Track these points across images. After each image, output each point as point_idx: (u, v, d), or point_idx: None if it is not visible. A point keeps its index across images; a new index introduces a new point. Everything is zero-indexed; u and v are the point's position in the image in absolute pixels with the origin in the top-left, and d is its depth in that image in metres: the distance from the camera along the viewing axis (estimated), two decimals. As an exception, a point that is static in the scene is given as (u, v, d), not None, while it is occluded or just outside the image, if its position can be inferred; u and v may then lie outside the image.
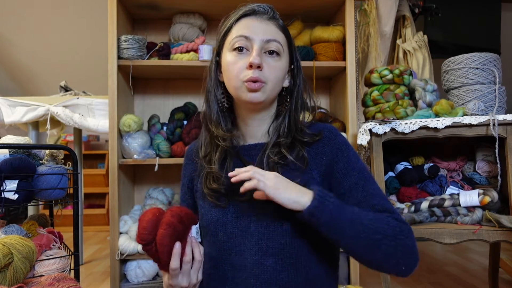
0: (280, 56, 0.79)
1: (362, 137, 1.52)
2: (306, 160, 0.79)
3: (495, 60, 1.59)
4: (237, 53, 0.78)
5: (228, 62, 0.79)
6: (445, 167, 1.63)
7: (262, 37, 0.77)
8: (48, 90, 3.50)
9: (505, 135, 1.41)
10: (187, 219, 0.74)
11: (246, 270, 0.76)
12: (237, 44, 0.77)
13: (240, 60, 0.77)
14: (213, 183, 0.81)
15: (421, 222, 1.48)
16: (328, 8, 2.01)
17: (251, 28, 0.78)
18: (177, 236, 0.71)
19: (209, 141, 0.86)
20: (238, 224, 0.78)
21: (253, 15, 0.80)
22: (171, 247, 0.70)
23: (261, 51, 0.77)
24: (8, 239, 0.99)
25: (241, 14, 0.80)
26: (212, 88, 0.84)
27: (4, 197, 1.16)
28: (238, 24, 0.80)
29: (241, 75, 0.76)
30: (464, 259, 2.60)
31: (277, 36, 0.79)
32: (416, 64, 2.58)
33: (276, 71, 0.78)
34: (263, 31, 0.78)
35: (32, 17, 3.56)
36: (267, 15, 0.80)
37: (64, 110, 2.14)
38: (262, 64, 0.76)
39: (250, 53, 0.77)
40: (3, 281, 0.92)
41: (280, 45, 0.79)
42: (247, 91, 0.76)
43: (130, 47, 1.80)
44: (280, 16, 0.84)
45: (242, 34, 0.77)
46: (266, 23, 0.79)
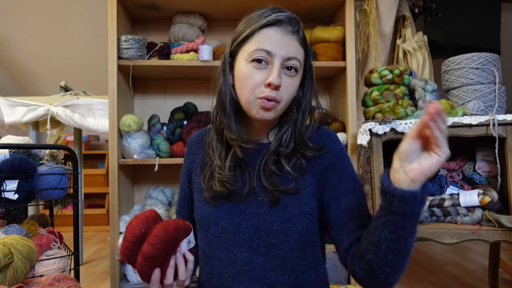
0: (297, 72, 0.76)
1: (362, 137, 1.52)
2: (303, 169, 0.79)
3: (495, 60, 1.59)
4: (256, 65, 0.74)
5: (245, 73, 0.75)
6: (445, 167, 1.63)
7: (284, 54, 0.73)
8: (48, 90, 3.50)
9: (505, 135, 1.41)
10: (175, 237, 0.70)
11: (236, 265, 0.77)
12: (257, 56, 0.73)
13: (258, 74, 0.74)
14: (218, 186, 0.79)
15: (421, 222, 1.48)
16: (328, 8, 2.01)
17: (274, 42, 0.73)
18: (158, 263, 0.69)
19: (221, 144, 0.83)
20: (230, 221, 0.79)
21: (278, 25, 0.74)
22: (150, 274, 0.69)
23: (281, 67, 0.74)
24: (8, 239, 0.99)
25: (265, 23, 0.74)
26: (227, 92, 0.79)
27: (4, 197, 1.16)
28: (260, 34, 0.75)
29: (257, 91, 0.74)
30: (464, 259, 2.60)
31: (298, 53, 0.76)
32: (416, 64, 2.58)
33: (291, 89, 0.76)
34: (286, 47, 0.74)
35: (32, 17, 3.56)
36: (292, 28, 0.76)
37: (64, 110, 2.14)
38: (280, 84, 0.73)
39: (269, 68, 0.74)
40: (3, 281, 0.92)
41: (299, 62, 0.76)
42: (259, 108, 0.74)
43: (130, 47, 1.80)
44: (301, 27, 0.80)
45: (263, 48, 0.73)
46: (289, 37, 0.75)
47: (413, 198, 0.60)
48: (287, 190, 0.77)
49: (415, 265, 2.48)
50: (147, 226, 0.69)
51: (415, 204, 0.61)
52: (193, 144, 0.92)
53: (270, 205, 0.77)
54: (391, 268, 0.67)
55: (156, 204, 1.91)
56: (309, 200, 0.78)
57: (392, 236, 0.64)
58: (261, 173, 0.79)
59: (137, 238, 0.68)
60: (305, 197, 0.78)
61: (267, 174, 0.78)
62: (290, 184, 0.77)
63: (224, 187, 0.79)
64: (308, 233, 0.77)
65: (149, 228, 0.69)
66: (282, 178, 0.78)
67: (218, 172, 0.80)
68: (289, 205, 0.77)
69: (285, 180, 0.78)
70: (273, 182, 0.77)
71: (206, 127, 1.78)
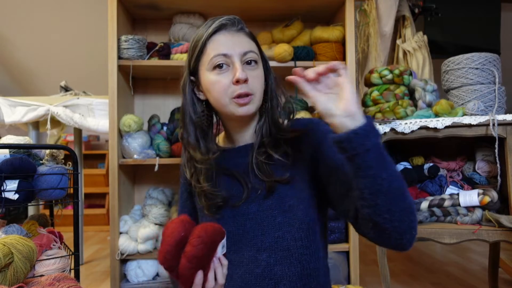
0: (257, 64, 0.81)
1: (362, 137, 1.52)
2: (291, 155, 0.81)
3: (495, 60, 1.59)
4: (218, 71, 0.78)
5: (211, 81, 0.79)
6: (445, 167, 1.63)
7: (240, 51, 0.78)
8: (48, 90, 3.50)
9: (504, 135, 1.41)
10: (214, 239, 0.70)
11: (243, 265, 0.79)
12: (217, 62, 0.78)
13: (223, 77, 0.78)
14: (207, 200, 0.83)
15: (421, 222, 1.48)
16: (328, 8, 2.01)
17: (226, 44, 0.78)
18: (201, 265, 0.69)
19: (191, 161, 0.86)
20: (235, 223, 0.82)
21: (223, 29, 0.80)
22: (193, 278, 0.68)
23: (242, 64, 0.78)
24: (8, 239, 1.00)
25: (211, 31, 0.79)
26: (187, 110, 0.83)
27: (4, 197, 1.16)
28: (211, 42, 0.79)
29: (228, 92, 0.77)
30: (464, 259, 2.60)
31: (251, 46, 0.81)
32: (416, 64, 2.58)
33: (259, 80, 0.80)
34: (238, 45, 0.79)
35: (32, 17, 3.56)
36: (236, 27, 0.81)
37: (64, 110, 2.14)
38: (248, 77, 0.77)
39: (231, 69, 0.78)
40: (4, 281, 0.93)
41: (256, 54, 0.80)
42: (238, 107, 0.78)
43: (130, 47, 1.80)
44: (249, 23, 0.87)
45: (220, 53, 0.78)
46: (238, 35, 0.80)
47: (356, 133, 0.60)
48: (282, 180, 0.79)
49: (415, 265, 2.49)
50: (185, 228, 0.69)
51: (364, 137, 0.60)
52: (183, 172, 0.94)
53: (270, 198, 0.80)
54: (388, 213, 0.63)
55: (156, 204, 1.91)
56: (304, 185, 0.80)
57: (367, 181, 0.62)
58: (254, 167, 0.81)
59: (178, 241, 0.67)
60: (300, 184, 0.80)
61: (260, 166, 0.81)
62: (285, 174, 0.80)
63: (208, 198, 0.82)
64: (308, 219, 0.79)
65: (187, 231, 0.69)
66: (275, 168, 0.81)
67: (199, 187, 0.83)
68: (287, 196, 0.79)
69: (278, 170, 0.81)
70: (267, 173, 0.80)
71: None
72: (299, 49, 1.87)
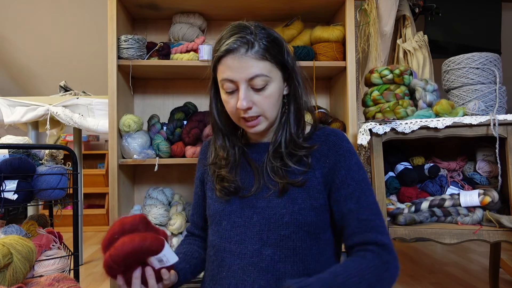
0: (268, 85, 0.79)
1: (362, 137, 1.52)
2: (308, 164, 0.82)
3: (496, 60, 1.59)
4: (227, 93, 0.81)
5: (223, 99, 0.83)
6: (445, 167, 1.63)
7: (245, 76, 0.77)
8: (48, 90, 3.50)
9: (505, 135, 1.41)
10: (134, 253, 0.70)
11: (246, 257, 0.80)
12: (224, 85, 0.80)
13: (231, 100, 0.80)
14: (223, 182, 0.86)
15: (421, 222, 1.48)
16: (328, 8, 2.01)
17: (232, 70, 0.78)
18: (117, 271, 0.72)
19: (219, 145, 0.90)
20: (242, 214, 0.83)
21: (230, 53, 0.78)
22: (112, 275, 0.73)
23: (248, 88, 0.78)
24: (7, 239, 0.99)
25: (219, 55, 0.79)
26: (213, 111, 0.88)
27: (3, 197, 1.16)
28: (221, 64, 0.80)
29: (236, 114, 0.81)
30: (465, 259, 2.60)
31: (259, 69, 0.77)
32: (416, 64, 2.58)
33: (268, 100, 0.80)
34: (244, 70, 0.77)
35: (32, 17, 3.56)
36: (244, 50, 0.77)
37: (63, 110, 2.13)
38: (251, 103, 0.78)
39: (238, 93, 0.79)
40: (3, 281, 0.92)
41: (266, 76, 0.78)
42: (247, 127, 0.82)
43: (130, 47, 1.80)
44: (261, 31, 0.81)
45: (226, 78, 0.79)
46: (244, 60, 0.77)
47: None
48: (295, 183, 0.80)
49: (415, 265, 2.48)
50: (121, 231, 0.71)
51: None
52: (205, 149, 0.99)
53: (281, 197, 0.80)
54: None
55: (156, 204, 1.90)
56: (318, 195, 0.80)
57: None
58: (268, 169, 0.83)
59: (108, 241, 0.71)
60: (315, 193, 0.80)
61: (275, 171, 0.83)
62: (298, 177, 0.81)
63: (225, 182, 0.85)
64: (316, 225, 0.80)
65: (123, 233, 0.71)
66: (290, 173, 0.82)
67: (218, 171, 0.88)
68: (298, 199, 0.80)
69: (292, 174, 0.82)
70: (281, 176, 0.81)
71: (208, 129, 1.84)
72: (299, 49, 1.87)
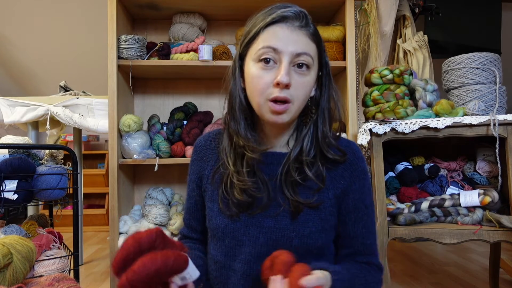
0: (309, 69, 0.72)
1: (362, 137, 1.52)
2: (324, 179, 0.76)
3: (496, 60, 1.59)
4: (263, 65, 0.70)
5: (253, 74, 0.72)
6: (445, 167, 1.63)
7: (293, 50, 0.69)
8: (48, 90, 3.50)
9: (505, 135, 1.41)
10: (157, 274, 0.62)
11: (250, 279, 0.75)
12: (264, 55, 0.70)
13: (266, 74, 0.70)
14: (239, 194, 0.75)
15: (421, 222, 1.48)
16: (328, 8, 2.01)
17: (280, 38, 0.69)
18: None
19: (234, 150, 0.78)
20: (247, 233, 0.76)
21: (284, 22, 0.71)
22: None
23: (290, 65, 0.70)
24: (7, 239, 0.99)
25: (270, 21, 0.71)
26: (236, 96, 0.76)
27: (3, 197, 1.16)
28: (266, 32, 0.71)
29: (266, 92, 0.70)
30: (465, 259, 2.60)
31: (308, 48, 0.71)
32: (416, 64, 2.58)
33: (304, 88, 0.71)
34: (293, 43, 0.69)
35: (32, 17, 3.56)
36: (299, 23, 0.71)
37: (63, 110, 2.13)
38: (291, 83, 0.69)
39: (277, 67, 0.70)
40: (3, 281, 0.92)
41: (311, 58, 0.71)
42: (271, 112, 0.70)
43: (130, 47, 1.80)
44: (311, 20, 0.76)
45: (270, 46, 0.69)
46: (297, 33, 0.70)
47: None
48: (308, 203, 0.74)
49: (415, 265, 2.48)
50: (138, 251, 0.63)
51: None
52: (201, 150, 0.87)
53: (291, 218, 0.74)
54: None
55: (156, 204, 1.90)
56: (330, 217, 0.77)
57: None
58: (283, 183, 0.75)
59: (123, 262, 0.63)
60: (328, 215, 0.76)
61: (289, 184, 0.75)
62: (312, 198, 0.75)
63: (247, 195, 0.74)
64: (325, 246, 0.78)
65: (140, 253, 0.63)
66: (304, 189, 0.75)
67: (237, 178, 0.75)
68: (309, 221, 0.74)
69: (306, 192, 0.75)
70: (295, 192, 0.74)
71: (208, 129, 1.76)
72: (299, 49, 1.87)
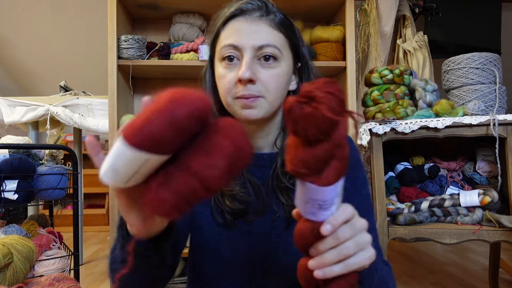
0: (278, 60, 0.67)
1: (362, 137, 1.52)
2: None
3: (495, 60, 1.59)
4: (227, 64, 0.67)
5: (218, 75, 0.68)
6: (445, 167, 1.63)
7: (254, 43, 0.65)
8: (48, 90, 3.49)
9: (505, 135, 1.41)
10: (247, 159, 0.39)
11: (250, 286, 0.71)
12: (226, 54, 0.66)
13: (230, 72, 0.66)
14: (229, 202, 0.69)
15: (421, 222, 1.48)
16: (328, 8, 2.01)
17: (239, 33, 0.66)
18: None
19: None
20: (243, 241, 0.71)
21: (242, 15, 0.67)
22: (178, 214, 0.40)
23: (253, 59, 0.65)
24: (8, 239, 0.99)
25: (227, 16, 0.68)
26: (208, 87, 0.73)
27: (4, 197, 1.16)
28: (226, 29, 0.68)
29: (232, 92, 0.66)
30: (464, 259, 2.60)
31: (272, 38, 0.66)
32: (416, 64, 2.58)
33: (275, 80, 0.66)
34: (254, 35, 0.65)
35: (32, 17, 3.56)
36: (259, 13, 0.67)
37: (64, 110, 2.13)
38: (255, 77, 0.64)
39: (239, 65, 0.66)
40: (3, 281, 0.92)
41: (277, 49, 0.66)
42: (241, 108, 0.66)
43: (130, 47, 1.80)
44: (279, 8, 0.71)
45: (230, 43, 0.66)
46: (257, 24, 0.66)
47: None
48: None
49: (415, 265, 2.48)
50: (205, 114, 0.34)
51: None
52: None
53: (286, 223, 0.70)
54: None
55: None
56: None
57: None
58: (276, 187, 0.70)
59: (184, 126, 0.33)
60: None
61: (282, 189, 0.70)
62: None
63: (238, 201, 0.69)
64: None
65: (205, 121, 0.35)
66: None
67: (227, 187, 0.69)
68: None
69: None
70: (289, 197, 0.70)
71: None
72: (299, 49, 1.87)
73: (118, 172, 0.36)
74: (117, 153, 0.34)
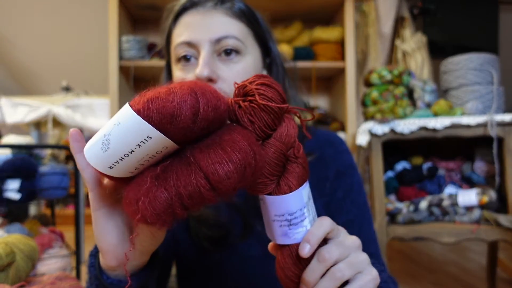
0: (241, 54, 0.58)
1: (361, 137, 1.53)
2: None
3: (493, 61, 1.60)
4: (183, 65, 0.59)
5: (176, 79, 0.61)
6: (443, 167, 1.64)
7: (209, 37, 0.57)
8: (50, 90, 3.51)
9: (503, 135, 1.42)
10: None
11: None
12: (181, 54, 0.59)
13: (188, 74, 0.58)
14: (206, 229, 0.62)
15: (420, 222, 1.49)
16: (328, 9, 2.02)
17: (192, 28, 0.57)
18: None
19: None
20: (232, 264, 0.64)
21: (193, 8, 0.59)
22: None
23: (212, 55, 0.57)
24: (10, 238, 1.00)
25: (177, 10, 0.60)
26: None
27: (6, 197, 1.17)
28: (177, 26, 0.60)
29: None
30: (463, 258, 2.61)
31: (232, 29, 0.58)
32: (415, 64, 2.58)
33: (239, 77, 0.56)
34: (208, 28, 0.57)
35: (34, 17, 3.57)
36: (212, 2, 0.58)
37: (65, 111, 2.15)
38: (215, 75, 0.56)
39: (197, 64, 0.58)
40: (6, 280, 0.93)
41: (238, 40, 0.58)
42: None
43: (131, 48, 1.81)
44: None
45: (182, 41, 0.58)
46: (212, 14, 0.57)
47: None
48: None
49: (415, 265, 2.49)
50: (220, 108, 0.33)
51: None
52: None
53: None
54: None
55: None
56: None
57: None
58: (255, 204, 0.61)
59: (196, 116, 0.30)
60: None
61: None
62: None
63: (215, 227, 0.61)
64: None
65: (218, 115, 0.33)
66: None
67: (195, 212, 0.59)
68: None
69: None
70: None
71: None
72: (299, 49, 1.88)
73: (109, 147, 0.28)
74: (117, 122, 0.28)
